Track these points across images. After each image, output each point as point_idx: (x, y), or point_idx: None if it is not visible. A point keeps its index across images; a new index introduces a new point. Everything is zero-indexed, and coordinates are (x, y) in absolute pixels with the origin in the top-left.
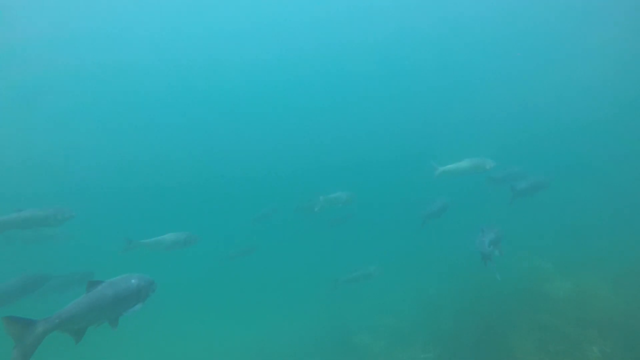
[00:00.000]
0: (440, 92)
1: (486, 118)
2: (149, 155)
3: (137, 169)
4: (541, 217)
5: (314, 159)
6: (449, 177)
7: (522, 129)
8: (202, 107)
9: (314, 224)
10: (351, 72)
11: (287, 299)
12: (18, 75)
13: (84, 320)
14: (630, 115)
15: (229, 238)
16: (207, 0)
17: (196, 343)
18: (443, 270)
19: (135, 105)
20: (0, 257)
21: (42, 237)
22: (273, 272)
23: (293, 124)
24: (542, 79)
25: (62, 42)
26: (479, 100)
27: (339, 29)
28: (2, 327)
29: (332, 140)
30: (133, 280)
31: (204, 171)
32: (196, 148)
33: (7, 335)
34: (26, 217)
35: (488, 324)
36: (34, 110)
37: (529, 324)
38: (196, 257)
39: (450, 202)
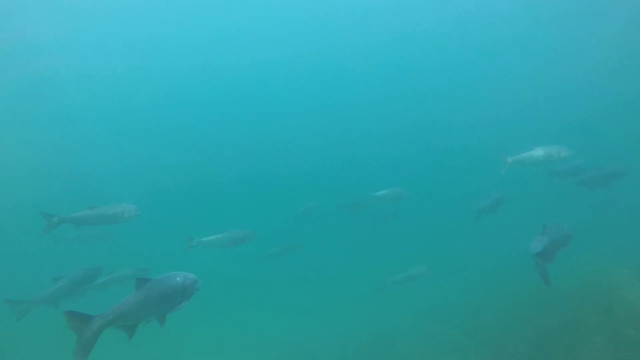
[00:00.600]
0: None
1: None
2: (189, 154)
3: (175, 169)
4: (602, 214)
5: (354, 156)
6: (520, 167)
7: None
8: (237, 106)
9: (357, 221)
10: (382, 69)
11: (328, 298)
12: (24, 73)
13: (135, 316)
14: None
15: (270, 236)
16: (209, 3)
17: (234, 342)
18: (492, 271)
19: (171, 107)
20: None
21: (86, 237)
22: (314, 271)
23: (332, 122)
24: (542, 78)
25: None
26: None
27: (374, 25)
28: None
29: (372, 137)
30: (178, 279)
31: (243, 169)
32: (235, 146)
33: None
34: (98, 213)
35: (548, 334)
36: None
37: (604, 338)
38: (237, 255)
39: (505, 196)
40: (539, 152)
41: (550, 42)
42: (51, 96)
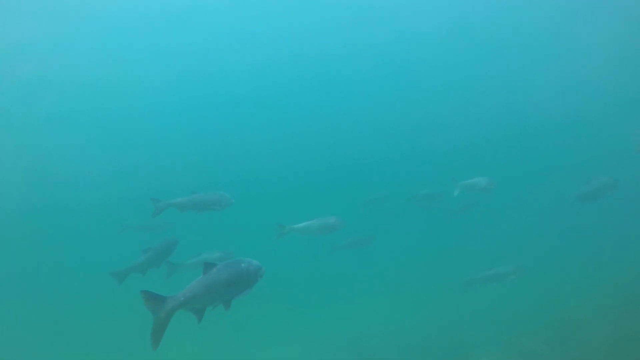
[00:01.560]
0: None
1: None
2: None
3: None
4: None
5: (428, 145)
6: None
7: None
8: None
9: (431, 214)
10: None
11: (395, 295)
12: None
13: (203, 300)
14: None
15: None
16: (209, 6)
17: (293, 338)
18: (594, 275)
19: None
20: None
21: (150, 226)
22: (383, 265)
23: (407, 110)
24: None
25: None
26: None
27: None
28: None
29: (450, 123)
30: (243, 265)
31: (315, 160)
32: (306, 137)
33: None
34: (199, 199)
35: None
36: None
37: None
38: (304, 246)
39: (611, 183)
40: None
41: (552, 41)
42: (49, 98)
